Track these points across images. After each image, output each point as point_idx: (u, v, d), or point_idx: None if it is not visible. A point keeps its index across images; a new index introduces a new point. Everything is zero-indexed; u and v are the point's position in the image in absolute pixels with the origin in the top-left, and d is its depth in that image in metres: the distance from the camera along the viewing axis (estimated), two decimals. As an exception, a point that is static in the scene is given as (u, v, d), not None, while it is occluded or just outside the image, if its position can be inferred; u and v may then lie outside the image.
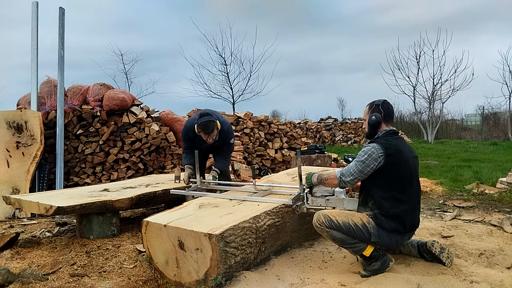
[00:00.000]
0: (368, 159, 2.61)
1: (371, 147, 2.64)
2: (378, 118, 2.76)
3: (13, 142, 5.32)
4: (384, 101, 2.83)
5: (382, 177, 2.62)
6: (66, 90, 6.24)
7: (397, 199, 2.61)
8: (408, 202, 2.64)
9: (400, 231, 2.64)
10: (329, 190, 2.91)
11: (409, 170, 2.67)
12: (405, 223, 2.64)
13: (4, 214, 4.81)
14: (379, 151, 2.60)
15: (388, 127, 2.79)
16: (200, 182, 3.88)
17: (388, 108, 2.81)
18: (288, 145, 8.93)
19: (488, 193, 5.70)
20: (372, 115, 2.77)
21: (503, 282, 2.55)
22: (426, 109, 22.12)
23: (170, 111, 7.00)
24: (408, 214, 2.65)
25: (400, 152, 2.66)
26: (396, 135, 2.78)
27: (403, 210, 2.62)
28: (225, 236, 2.44)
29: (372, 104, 2.83)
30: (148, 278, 2.72)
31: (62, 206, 3.25)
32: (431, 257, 2.81)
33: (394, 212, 2.60)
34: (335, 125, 19.61)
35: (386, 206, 2.61)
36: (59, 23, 5.79)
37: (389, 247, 2.77)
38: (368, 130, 2.81)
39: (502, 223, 3.94)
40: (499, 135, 21.42)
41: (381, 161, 2.60)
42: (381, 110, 2.77)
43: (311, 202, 2.98)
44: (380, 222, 2.60)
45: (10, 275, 2.69)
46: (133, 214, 4.81)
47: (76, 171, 6.06)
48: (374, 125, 2.76)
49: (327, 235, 2.67)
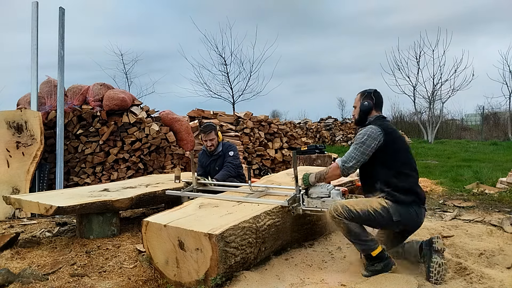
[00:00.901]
0: (368, 139, 2.67)
1: (368, 128, 2.72)
2: (370, 105, 2.87)
3: (13, 142, 5.32)
4: (376, 90, 2.94)
5: (384, 155, 2.68)
6: (66, 90, 6.24)
7: (403, 173, 2.67)
8: (412, 175, 2.71)
9: (417, 202, 2.67)
10: (325, 192, 2.88)
11: (405, 145, 2.81)
12: (418, 193, 2.69)
13: (4, 214, 4.81)
14: (377, 130, 2.69)
15: (378, 113, 2.90)
16: (196, 183, 3.85)
17: (379, 97, 2.93)
18: (288, 145, 8.93)
19: (488, 193, 5.70)
20: (364, 101, 2.89)
21: (503, 282, 2.55)
22: (426, 109, 22.14)
23: (170, 111, 7.00)
24: (417, 186, 2.71)
25: (394, 130, 2.81)
26: (385, 119, 2.90)
27: (412, 183, 2.68)
28: (225, 236, 2.44)
29: (364, 92, 2.94)
30: (148, 278, 2.72)
31: (62, 206, 3.25)
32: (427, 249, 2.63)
33: (405, 186, 2.64)
34: (335, 125, 19.61)
35: (395, 181, 2.64)
36: (59, 23, 5.79)
37: (411, 223, 2.70)
38: (358, 116, 2.93)
39: (502, 223, 3.94)
40: (499, 135, 21.41)
41: (380, 139, 2.67)
42: (373, 98, 2.89)
43: (306, 204, 2.96)
44: (397, 198, 2.62)
45: (10, 275, 2.69)
46: (133, 214, 4.81)
47: (76, 171, 6.06)
48: (366, 111, 2.88)
49: (344, 227, 2.61)
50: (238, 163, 4.54)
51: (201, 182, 3.91)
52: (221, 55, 17.87)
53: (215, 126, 4.58)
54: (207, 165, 4.60)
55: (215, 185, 3.93)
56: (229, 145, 4.63)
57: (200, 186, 3.89)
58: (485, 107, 23.99)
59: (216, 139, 4.52)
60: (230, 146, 4.62)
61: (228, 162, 4.44)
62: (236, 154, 4.57)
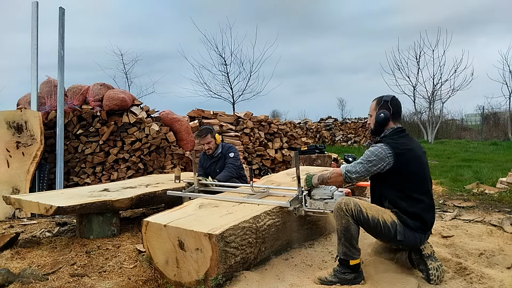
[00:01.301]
0: (375, 159, 2.53)
1: (378, 147, 2.55)
2: (386, 116, 2.65)
3: (13, 142, 5.32)
4: (393, 98, 2.72)
5: (394, 177, 2.54)
6: (66, 90, 6.24)
7: (412, 198, 2.53)
8: (423, 200, 2.56)
9: (423, 229, 2.56)
10: (328, 194, 2.82)
11: (421, 167, 2.59)
12: (426, 220, 2.55)
13: (4, 214, 4.81)
14: (387, 151, 2.52)
15: (396, 124, 2.69)
16: (197, 183, 3.85)
17: (397, 105, 2.70)
18: (288, 145, 8.93)
19: (488, 193, 5.70)
20: (380, 112, 2.66)
21: (503, 282, 2.56)
22: (426, 109, 22.17)
23: (170, 111, 7.00)
24: (426, 212, 2.56)
25: (409, 150, 2.57)
26: (403, 132, 2.68)
27: (421, 208, 2.54)
28: (225, 236, 2.44)
29: (381, 99, 2.71)
30: (148, 278, 2.72)
31: (62, 206, 3.25)
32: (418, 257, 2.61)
33: (413, 211, 2.52)
34: (335, 125, 19.62)
35: (403, 205, 2.53)
36: (59, 23, 5.79)
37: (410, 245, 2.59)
38: (374, 127, 2.71)
39: (502, 223, 3.94)
40: (499, 135, 21.41)
41: (390, 161, 2.51)
42: (390, 107, 2.66)
43: (309, 205, 2.91)
44: (404, 220, 2.52)
45: (10, 275, 2.69)
46: (133, 214, 4.81)
47: (76, 171, 6.06)
48: (382, 122, 2.66)
49: (344, 224, 2.49)
50: (239, 164, 4.52)
51: (202, 182, 3.90)
52: (221, 55, 17.90)
53: (211, 129, 4.52)
54: (207, 167, 4.59)
55: (217, 186, 3.92)
56: (229, 147, 4.61)
57: (202, 187, 3.88)
58: (485, 107, 24.05)
59: (214, 142, 4.49)
60: (230, 147, 4.60)
61: (230, 163, 4.42)
62: (237, 155, 4.55)
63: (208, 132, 4.45)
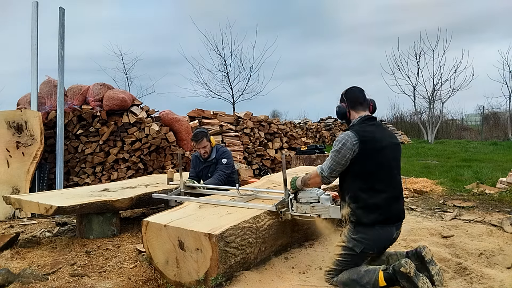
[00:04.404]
0: (343, 148, 2.46)
1: (344, 135, 2.50)
2: (342, 108, 2.66)
3: (13, 142, 5.32)
4: (349, 88, 2.70)
5: (358, 166, 2.47)
6: (66, 90, 6.24)
7: (375, 189, 2.46)
8: (388, 191, 2.48)
9: (382, 222, 2.46)
10: (315, 197, 2.72)
11: (387, 157, 2.51)
12: (387, 212, 2.47)
13: (4, 214, 4.81)
14: (353, 138, 2.45)
15: (360, 113, 2.62)
16: (183, 186, 3.74)
17: (353, 94, 2.66)
18: (288, 145, 8.94)
19: (488, 193, 5.70)
20: (336, 107, 2.69)
21: (503, 282, 2.56)
22: (426, 109, 22.14)
23: (170, 111, 7.01)
24: (389, 203, 2.47)
25: (375, 139, 2.50)
26: (372, 121, 2.61)
27: (384, 199, 2.45)
28: (225, 236, 2.44)
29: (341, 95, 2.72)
30: (148, 278, 2.72)
31: (62, 206, 3.25)
32: (419, 263, 2.51)
33: (372, 202, 2.44)
34: (335, 125, 19.59)
35: (364, 197, 2.45)
36: (59, 23, 5.79)
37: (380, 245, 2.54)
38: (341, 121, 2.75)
39: (502, 223, 3.94)
40: (499, 135, 21.42)
41: (355, 149, 2.44)
42: (345, 99, 2.66)
43: (295, 209, 2.80)
44: (359, 218, 2.46)
45: (10, 275, 2.69)
46: (133, 214, 4.81)
47: (76, 171, 6.06)
48: (340, 116, 2.67)
49: (339, 285, 2.51)
50: (229, 172, 4.40)
51: (189, 185, 3.80)
52: (221, 55, 17.90)
53: (206, 132, 4.42)
54: (199, 170, 4.51)
55: (204, 188, 3.82)
56: (224, 152, 4.48)
57: (188, 189, 3.78)
58: (485, 107, 24.06)
59: (209, 145, 4.40)
60: (224, 153, 4.47)
61: (220, 170, 4.32)
62: (230, 162, 4.43)
63: (203, 135, 4.35)
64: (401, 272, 2.31)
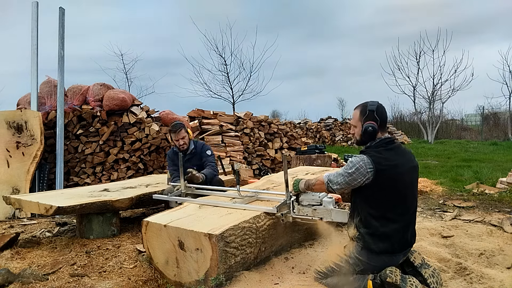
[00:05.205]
0: (356, 172, 2.34)
1: (360, 160, 2.36)
2: (375, 128, 2.42)
3: (13, 142, 5.32)
4: (379, 106, 2.47)
5: (372, 194, 2.37)
6: (66, 90, 6.24)
7: (387, 218, 2.36)
8: (400, 220, 2.38)
9: (390, 252, 2.39)
10: (317, 200, 2.67)
11: (403, 185, 2.39)
12: (397, 242, 2.39)
13: (4, 214, 4.81)
14: (368, 166, 2.32)
15: (383, 134, 2.47)
16: (184, 187, 3.71)
17: (383, 114, 2.47)
18: (288, 145, 8.94)
19: (488, 193, 5.70)
20: (368, 125, 2.42)
21: (503, 282, 2.56)
22: (426, 109, 22.17)
23: (170, 111, 7.01)
24: (399, 233, 2.38)
25: (392, 166, 2.35)
26: (391, 144, 2.44)
27: (395, 230, 2.36)
28: (225, 236, 2.44)
29: (365, 109, 2.46)
30: (148, 278, 2.72)
31: (62, 206, 3.25)
32: (410, 269, 2.50)
33: (383, 231, 2.35)
34: (335, 125, 19.59)
35: (375, 225, 2.36)
36: (59, 23, 5.79)
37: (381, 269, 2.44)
38: (360, 138, 2.50)
39: (502, 223, 3.94)
40: (499, 135, 21.43)
41: (369, 177, 2.32)
42: (377, 118, 2.43)
43: (297, 211, 2.75)
44: (367, 244, 2.37)
45: (10, 275, 2.69)
46: (133, 214, 4.81)
47: (76, 171, 6.06)
48: (370, 136, 2.44)
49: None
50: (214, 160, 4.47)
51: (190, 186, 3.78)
52: (221, 55, 17.90)
53: (183, 124, 4.40)
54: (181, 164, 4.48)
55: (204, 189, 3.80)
56: (203, 144, 4.52)
57: (189, 190, 3.76)
58: (485, 107, 24.08)
59: (187, 137, 4.35)
60: (204, 145, 4.51)
61: (210, 161, 4.34)
62: (213, 153, 4.51)
63: (181, 126, 4.32)
64: (388, 282, 2.31)
